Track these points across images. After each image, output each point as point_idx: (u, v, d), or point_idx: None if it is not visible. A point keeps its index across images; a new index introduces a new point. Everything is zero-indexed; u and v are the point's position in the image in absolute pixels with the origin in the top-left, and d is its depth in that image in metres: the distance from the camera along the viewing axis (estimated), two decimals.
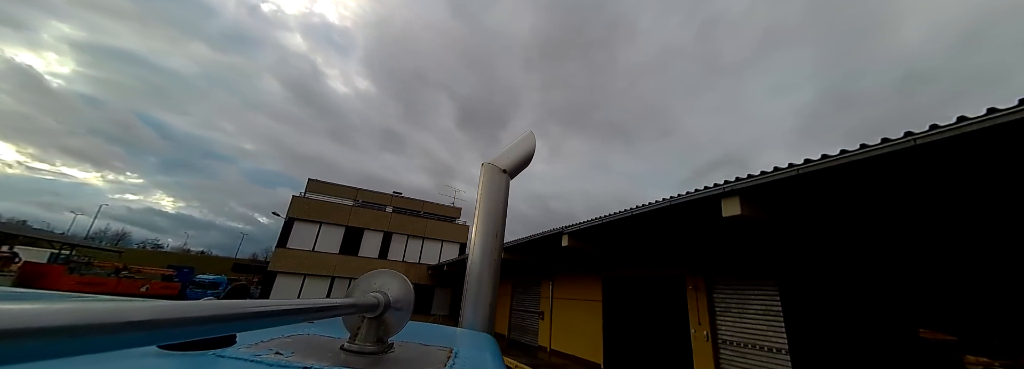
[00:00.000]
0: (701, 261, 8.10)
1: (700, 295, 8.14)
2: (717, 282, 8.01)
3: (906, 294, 4.09)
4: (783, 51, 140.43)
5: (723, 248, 7.32)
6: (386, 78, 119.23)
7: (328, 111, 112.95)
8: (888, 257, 4.42)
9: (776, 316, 5.22)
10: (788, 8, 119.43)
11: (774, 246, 5.69)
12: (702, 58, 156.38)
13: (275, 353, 0.77)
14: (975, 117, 2.65)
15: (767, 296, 5.51)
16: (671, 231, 7.07)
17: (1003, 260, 3.48)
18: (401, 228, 23.20)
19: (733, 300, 7.61)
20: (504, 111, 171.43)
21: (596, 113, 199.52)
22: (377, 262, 22.06)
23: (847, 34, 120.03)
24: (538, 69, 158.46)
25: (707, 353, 7.68)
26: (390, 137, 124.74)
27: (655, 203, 5.77)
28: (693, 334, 8.11)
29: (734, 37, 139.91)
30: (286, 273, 20.02)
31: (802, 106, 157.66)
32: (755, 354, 6.82)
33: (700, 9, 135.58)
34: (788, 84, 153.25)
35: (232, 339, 0.81)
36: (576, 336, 11.14)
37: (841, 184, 3.97)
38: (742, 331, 7.15)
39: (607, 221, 6.77)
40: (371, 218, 22.69)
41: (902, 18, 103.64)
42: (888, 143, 3.14)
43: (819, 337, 4.76)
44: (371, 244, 22.26)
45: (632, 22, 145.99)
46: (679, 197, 5.43)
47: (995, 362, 3.17)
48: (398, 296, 0.90)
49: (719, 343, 7.63)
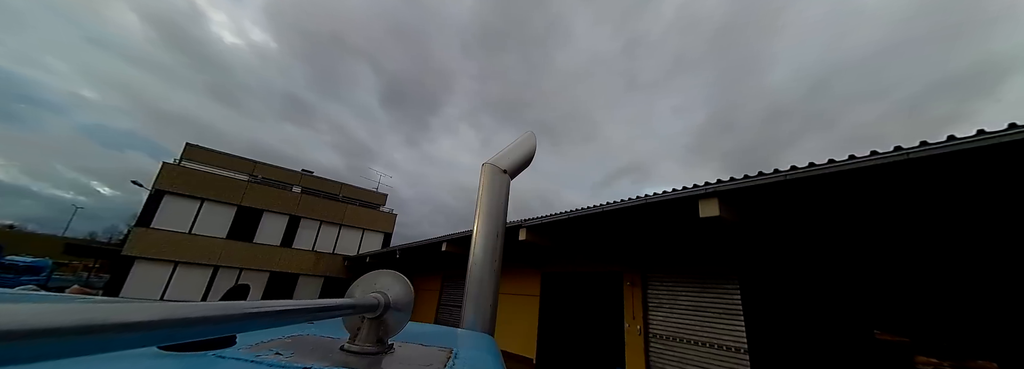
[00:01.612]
0: (640, 258, 8.50)
1: (636, 291, 8.56)
2: (651, 279, 8.50)
3: (864, 298, 4.65)
4: (686, 78, 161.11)
5: (675, 247, 7.73)
6: (294, 36, 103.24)
7: (209, 63, 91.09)
8: (848, 262, 5.00)
9: (736, 315, 5.62)
10: (694, 41, 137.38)
11: (738, 247, 6.12)
12: (624, 73, 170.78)
13: (275, 353, 0.77)
14: (964, 138, 2.97)
15: (727, 295, 5.92)
16: (634, 229, 7.21)
17: (952, 269, 4.14)
18: (313, 212, 20.49)
19: (665, 296, 8.14)
20: (436, 95, 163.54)
21: (528, 111, 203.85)
22: (280, 251, 19.17)
23: (734, 71, 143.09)
24: (476, 56, 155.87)
25: (639, 346, 8.09)
26: (294, 105, 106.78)
27: (630, 201, 5.76)
28: (627, 328, 8.48)
29: (651, 58, 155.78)
30: (148, 259, 16.19)
31: (695, 127, 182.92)
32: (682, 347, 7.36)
33: (627, 25, 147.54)
34: (687, 107, 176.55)
35: (232, 340, 0.80)
36: (509, 331, 10.96)
37: (818, 192, 4.33)
38: (673, 325, 7.69)
39: (573, 216, 6.62)
40: (274, 198, 19.60)
41: (775, 62, 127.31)
42: (878, 156, 3.42)
43: (779, 337, 5.23)
44: (272, 229, 19.24)
45: (569, 24, 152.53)
46: (656, 196, 5.48)
47: (944, 363, 3.74)
48: (398, 297, 0.89)
49: (650, 337, 8.09)
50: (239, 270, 18.04)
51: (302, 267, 19.41)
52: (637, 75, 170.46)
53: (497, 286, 1.86)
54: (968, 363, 3.69)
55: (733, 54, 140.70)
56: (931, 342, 3.95)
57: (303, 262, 19.51)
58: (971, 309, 3.85)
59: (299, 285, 19.16)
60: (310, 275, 19.58)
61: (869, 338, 4.34)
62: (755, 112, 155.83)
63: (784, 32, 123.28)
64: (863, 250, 4.85)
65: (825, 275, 5.05)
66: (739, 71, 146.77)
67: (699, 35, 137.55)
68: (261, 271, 18.51)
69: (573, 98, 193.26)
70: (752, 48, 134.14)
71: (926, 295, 4.15)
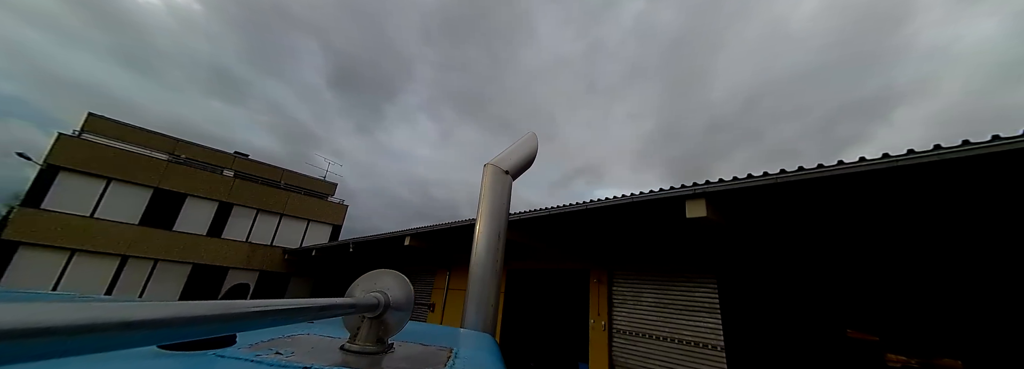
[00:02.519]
0: (608, 256, 8.64)
1: (602, 288, 8.69)
2: (617, 276, 8.69)
3: (837, 298, 4.99)
4: (641, 86, 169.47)
5: (647, 245, 7.91)
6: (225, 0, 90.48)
7: (115, 20, 75.21)
8: (823, 263, 5.35)
9: (713, 312, 5.82)
10: (649, 51, 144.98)
11: (717, 246, 6.35)
12: (585, 76, 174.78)
13: (275, 353, 0.77)
14: (948, 147, 3.23)
15: (705, 293, 6.12)
16: (614, 228, 7.25)
17: (919, 272, 4.55)
18: (248, 199, 18.45)
19: (630, 293, 8.36)
20: (393, 80, 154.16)
21: (491, 106, 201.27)
22: (206, 241, 17.03)
23: (682, 83, 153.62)
24: (438, 44, 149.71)
25: (603, 342, 8.24)
26: (223, 78, 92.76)
27: (616, 199, 5.74)
28: (592, 325, 8.60)
29: (611, 64, 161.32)
30: (37, 246, 13.57)
31: (644, 134, 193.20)
32: (646, 342, 7.60)
33: (590, 29, 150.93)
34: (639, 114, 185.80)
35: (232, 339, 0.80)
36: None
37: (803, 195, 4.56)
38: (637, 322, 7.92)
39: (553, 213, 6.48)
40: (200, 182, 17.36)
41: (717, 77, 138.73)
42: (866, 162, 3.64)
43: (755, 334, 5.48)
44: (197, 216, 17.03)
45: (534, 21, 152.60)
46: (643, 195, 5.50)
47: (912, 360, 4.10)
48: (398, 296, 0.89)
49: (614, 332, 8.26)
50: (154, 261, 15.76)
51: (233, 260, 17.43)
52: (597, 79, 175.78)
53: (499, 286, 1.86)
54: (935, 360, 4.09)
55: (682, 67, 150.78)
56: (900, 340, 4.34)
57: (234, 254, 17.52)
58: (938, 310, 4.27)
59: (228, 280, 17.20)
60: (242, 269, 17.65)
61: (841, 336, 4.69)
62: (697, 123, 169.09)
63: (727, 50, 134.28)
64: (837, 252, 5.24)
65: (801, 275, 5.40)
66: (686, 84, 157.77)
67: (654, 46, 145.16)
68: (182, 263, 16.32)
69: (535, 97, 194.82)
70: (698, 63, 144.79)
71: (896, 296, 4.56)
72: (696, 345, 6.26)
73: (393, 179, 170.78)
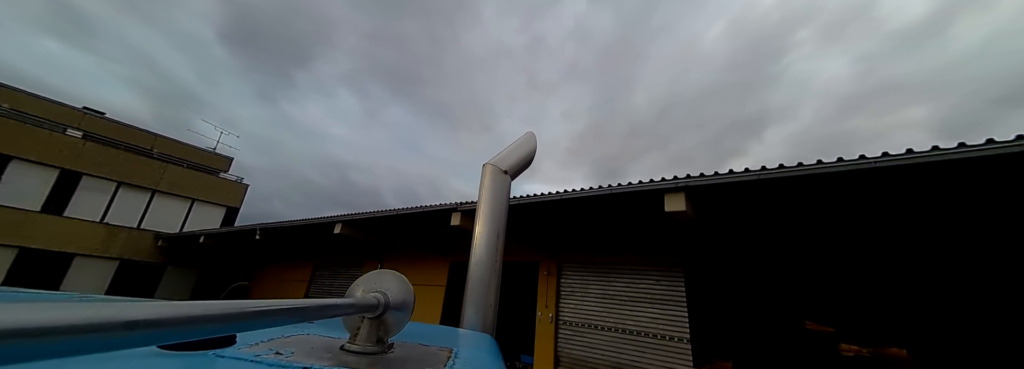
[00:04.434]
0: (558, 248, 8.58)
1: (551, 280, 8.62)
2: (565, 268, 8.70)
3: (796, 292, 5.39)
4: (576, 86, 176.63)
5: (606, 237, 7.94)
6: None
7: None
8: (785, 259, 5.75)
9: (679, 305, 5.96)
10: (586, 53, 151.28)
11: (686, 240, 6.52)
12: (527, 70, 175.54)
13: (275, 353, 0.77)
14: (920, 152, 3.58)
15: (672, 285, 6.25)
16: (577, 220, 7.08)
17: (870, 268, 5.08)
18: (105, 169, 14.46)
19: (577, 284, 8.43)
20: (307, 44, 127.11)
21: (427, 88, 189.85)
22: (39, 218, 12.95)
23: (613, 87, 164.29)
24: (370, 11, 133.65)
25: (549, 333, 8.18)
26: (62, 12, 61.74)
27: (594, 190, 5.57)
28: (539, 316, 8.48)
29: (551, 60, 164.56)
30: None
31: (575, 133, 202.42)
32: (592, 333, 7.72)
33: (533, 22, 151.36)
34: (573, 113, 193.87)
35: (232, 339, 0.80)
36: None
37: (783, 192, 4.83)
38: (583, 313, 8.02)
39: (522, 203, 6.08)
40: (33, 141, 13.12)
41: (641, 86, 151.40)
42: (844, 162, 3.93)
43: (718, 326, 5.72)
44: (26, 185, 12.83)
45: (479, 4, 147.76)
46: (621, 187, 5.40)
47: (863, 350, 4.56)
48: (398, 296, 0.88)
49: (560, 323, 8.26)
50: None
51: (81, 245, 13.59)
52: (537, 74, 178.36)
53: (498, 287, 1.86)
54: (882, 350, 4.64)
55: (613, 72, 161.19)
56: (852, 332, 4.84)
57: (83, 237, 13.67)
58: (885, 304, 4.84)
59: (73, 269, 13.38)
60: (95, 256, 13.86)
61: (800, 328, 5.10)
62: (620, 127, 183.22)
63: (650, 61, 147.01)
64: (799, 248, 5.74)
65: (764, 270, 5.79)
66: (614, 88, 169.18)
67: (590, 48, 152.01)
68: (2, 246, 12.22)
69: (476, 85, 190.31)
70: (627, 70, 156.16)
71: (850, 291, 5.09)
72: (661, 337, 6.47)
73: (301, 158, 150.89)
